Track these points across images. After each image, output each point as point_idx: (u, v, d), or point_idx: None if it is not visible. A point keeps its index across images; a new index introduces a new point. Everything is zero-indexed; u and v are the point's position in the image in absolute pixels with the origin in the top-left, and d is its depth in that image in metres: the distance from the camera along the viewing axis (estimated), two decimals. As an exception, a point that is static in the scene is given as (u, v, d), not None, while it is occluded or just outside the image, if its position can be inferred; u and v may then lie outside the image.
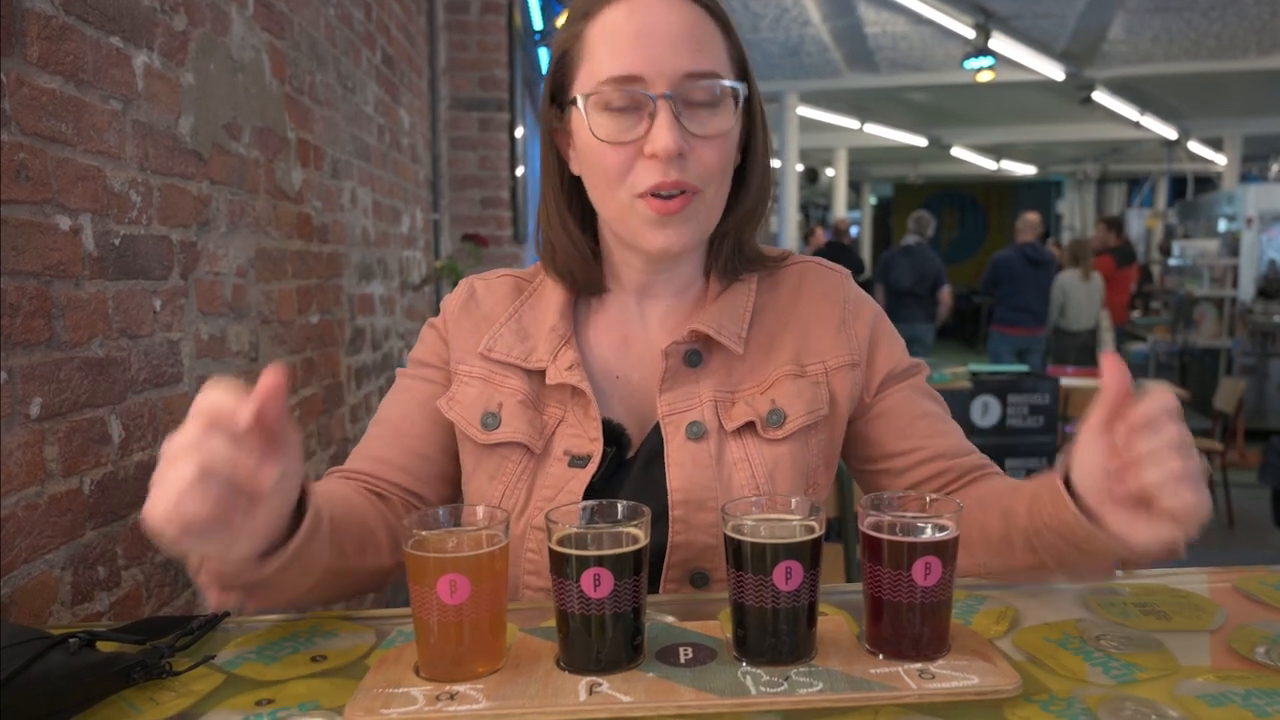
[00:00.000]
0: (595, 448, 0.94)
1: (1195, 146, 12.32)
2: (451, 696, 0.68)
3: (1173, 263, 9.43)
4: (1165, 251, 10.20)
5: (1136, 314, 9.40)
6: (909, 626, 0.73)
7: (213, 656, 0.78)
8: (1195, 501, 0.65)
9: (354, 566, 0.88)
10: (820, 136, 11.90)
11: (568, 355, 0.97)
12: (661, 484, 0.93)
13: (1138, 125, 10.70)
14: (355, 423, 2.59)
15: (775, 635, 0.72)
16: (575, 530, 0.73)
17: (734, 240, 1.00)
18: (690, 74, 0.88)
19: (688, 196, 0.90)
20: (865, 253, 14.41)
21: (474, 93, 3.95)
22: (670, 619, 0.83)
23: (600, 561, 0.70)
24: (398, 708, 0.67)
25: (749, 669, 0.72)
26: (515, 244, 4.12)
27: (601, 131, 0.89)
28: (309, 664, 0.77)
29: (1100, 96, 8.88)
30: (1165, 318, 9.09)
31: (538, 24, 4.73)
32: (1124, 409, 0.67)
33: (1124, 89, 9.20)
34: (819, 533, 0.74)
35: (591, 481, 0.93)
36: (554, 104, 0.97)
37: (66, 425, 1.17)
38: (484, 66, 3.95)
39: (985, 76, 7.30)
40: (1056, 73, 8.04)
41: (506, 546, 0.73)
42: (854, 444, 1.04)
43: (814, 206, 20.62)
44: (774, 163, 1.03)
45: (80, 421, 1.20)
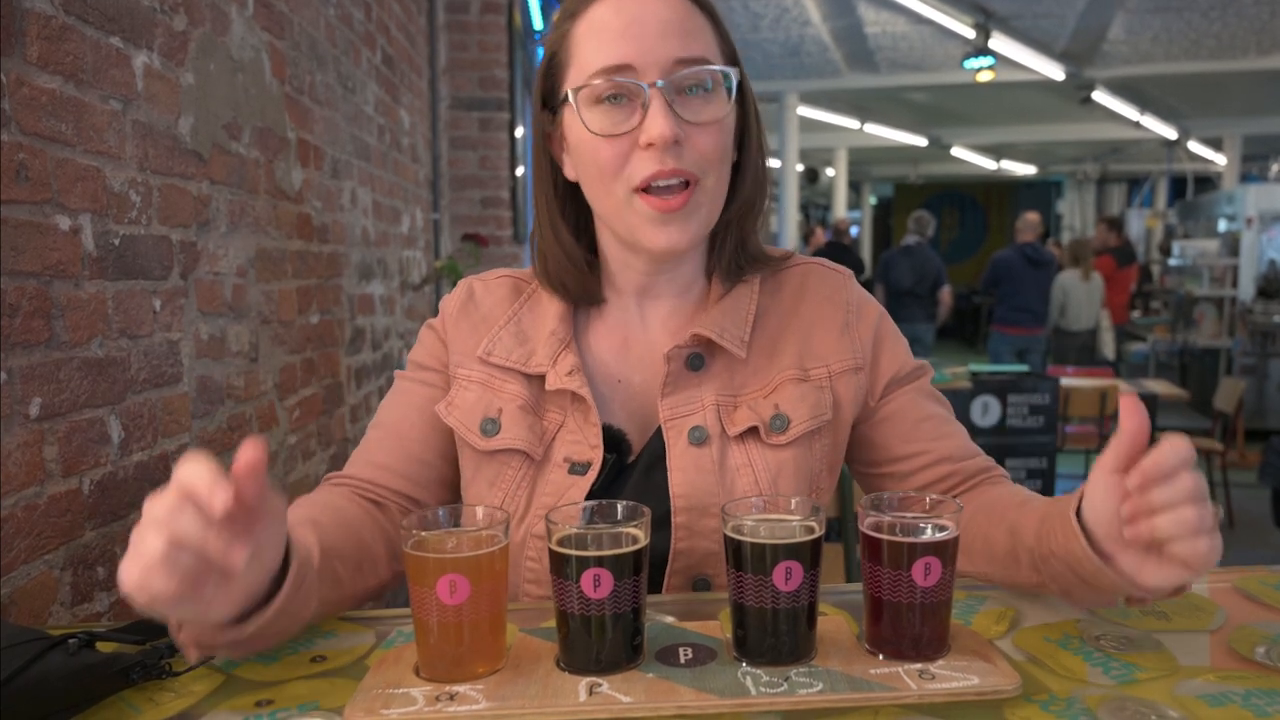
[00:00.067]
0: (595, 455, 0.93)
1: (1195, 146, 12.32)
2: (451, 697, 0.68)
3: (1173, 263, 9.43)
4: (1165, 251, 10.20)
5: (1136, 314, 9.40)
6: (909, 627, 0.73)
7: (212, 657, 0.78)
8: (1207, 550, 0.65)
9: (350, 592, 0.88)
10: (820, 136, 11.90)
11: (568, 360, 0.96)
12: (663, 489, 0.92)
13: (1138, 125, 10.70)
14: (355, 423, 2.59)
15: (775, 635, 0.72)
16: (575, 531, 0.73)
17: (736, 237, 0.98)
18: (681, 60, 0.87)
19: (689, 191, 0.88)
20: (865, 253, 14.41)
21: (474, 93, 3.95)
22: (670, 619, 0.83)
23: (600, 562, 0.70)
24: (397, 708, 0.67)
25: (749, 669, 0.72)
26: (515, 244, 4.12)
27: (595, 125, 0.88)
28: (309, 664, 0.77)
29: (1100, 96, 8.88)
30: (1165, 317, 9.09)
31: (538, 24, 4.72)
32: (1140, 454, 0.67)
33: (1124, 89, 9.20)
34: (819, 533, 0.74)
35: (592, 489, 0.92)
36: (545, 108, 0.96)
37: (66, 425, 1.17)
38: (484, 66, 3.95)
39: (985, 76, 7.30)
40: (1056, 73, 8.03)
41: (506, 547, 0.73)
42: (858, 448, 1.03)
43: (814, 206, 20.62)
44: (774, 162, 1.03)
45: (80, 422, 1.20)
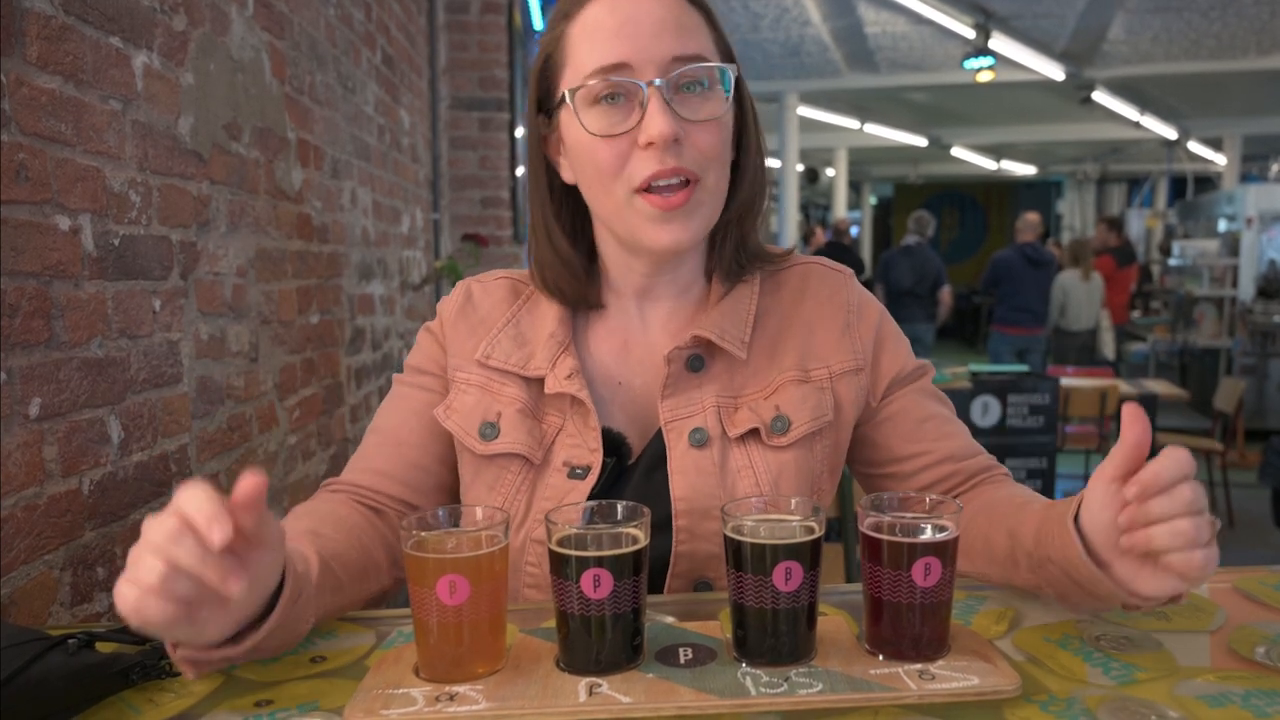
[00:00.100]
0: (595, 458, 0.92)
1: (1195, 146, 12.32)
2: (451, 697, 0.68)
3: (1173, 263, 9.43)
4: (1165, 251, 10.20)
5: (1136, 314, 9.40)
6: (909, 627, 0.73)
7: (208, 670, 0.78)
8: (1203, 562, 0.65)
9: (351, 598, 0.88)
10: (820, 136, 11.90)
11: (567, 363, 0.95)
12: (664, 491, 0.91)
13: (1138, 125, 10.70)
14: (355, 423, 2.59)
15: (775, 636, 0.72)
16: (575, 531, 0.73)
17: (736, 236, 0.98)
18: (678, 57, 0.86)
19: (690, 189, 0.88)
20: (865, 253, 14.42)
21: (474, 93, 3.95)
22: (670, 619, 0.83)
23: (600, 562, 0.70)
24: (397, 709, 0.67)
25: (749, 669, 0.72)
26: (515, 244, 4.12)
27: (593, 125, 0.87)
28: (308, 665, 0.77)
29: (1100, 96, 8.87)
30: (1165, 318, 9.09)
31: (538, 24, 4.72)
32: (1140, 464, 0.67)
33: (1124, 89, 9.20)
34: (819, 533, 0.74)
35: (592, 493, 0.91)
36: (541, 112, 0.95)
37: (66, 425, 1.17)
38: (484, 66, 3.95)
39: (985, 76, 7.30)
40: (1056, 73, 8.03)
41: (506, 547, 0.73)
42: (860, 448, 1.02)
43: (814, 206, 20.62)
44: (774, 162, 1.03)
45: (79, 422, 1.20)
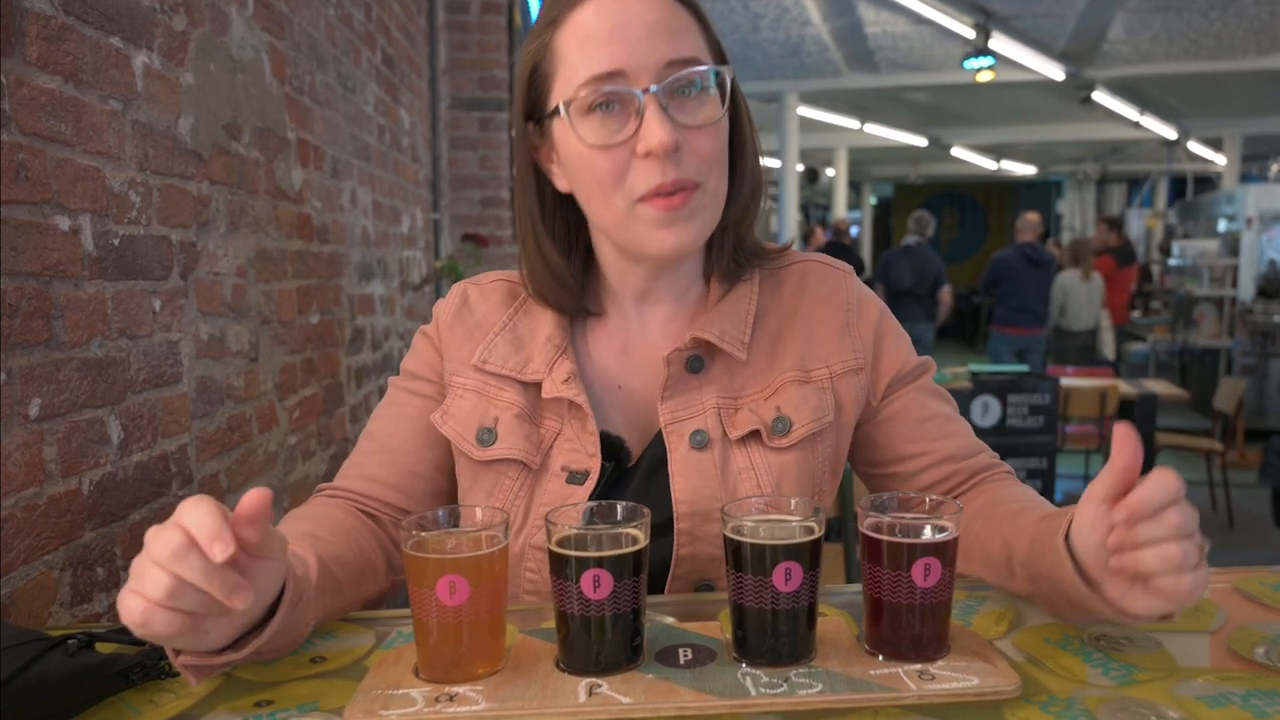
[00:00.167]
0: (593, 463, 0.92)
1: (1195, 146, 12.32)
2: (451, 698, 0.68)
3: (1173, 263, 9.43)
4: (1165, 251, 10.20)
5: (1136, 314, 9.40)
6: (909, 627, 0.73)
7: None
8: (1190, 587, 0.65)
9: (349, 600, 0.88)
10: (820, 136, 11.90)
11: (564, 367, 0.94)
12: (665, 494, 0.91)
13: (1138, 125, 10.70)
14: (355, 423, 2.59)
15: (775, 636, 0.72)
16: (575, 531, 0.73)
17: (733, 236, 0.97)
18: (672, 62, 0.84)
19: (691, 191, 0.86)
20: (865, 253, 14.42)
21: (474, 93, 3.95)
22: (670, 620, 0.83)
23: (600, 563, 0.70)
24: (397, 709, 0.67)
25: (748, 670, 0.72)
26: (515, 244, 4.11)
27: (590, 137, 0.85)
28: (308, 665, 0.77)
29: (1100, 96, 8.87)
30: (1165, 318, 9.09)
31: (538, 24, 4.72)
32: (1130, 486, 0.67)
33: (1124, 89, 9.20)
34: (819, 534, 0.74)
35: (591, 497, 0.91)
36: (530, 120, 0.93)
37: (66, 426, 1.17)
38: (484, 66, 3.95)
39: (985, 76, 7.30)
40: (1056, 73, 8.03)
41: (506, 548, 0.73)
42: (861, 448, 1.02)
43: (814, 206, 20.63)
44: (774, 162, 1.02)
45: (79, 422, 1.20)
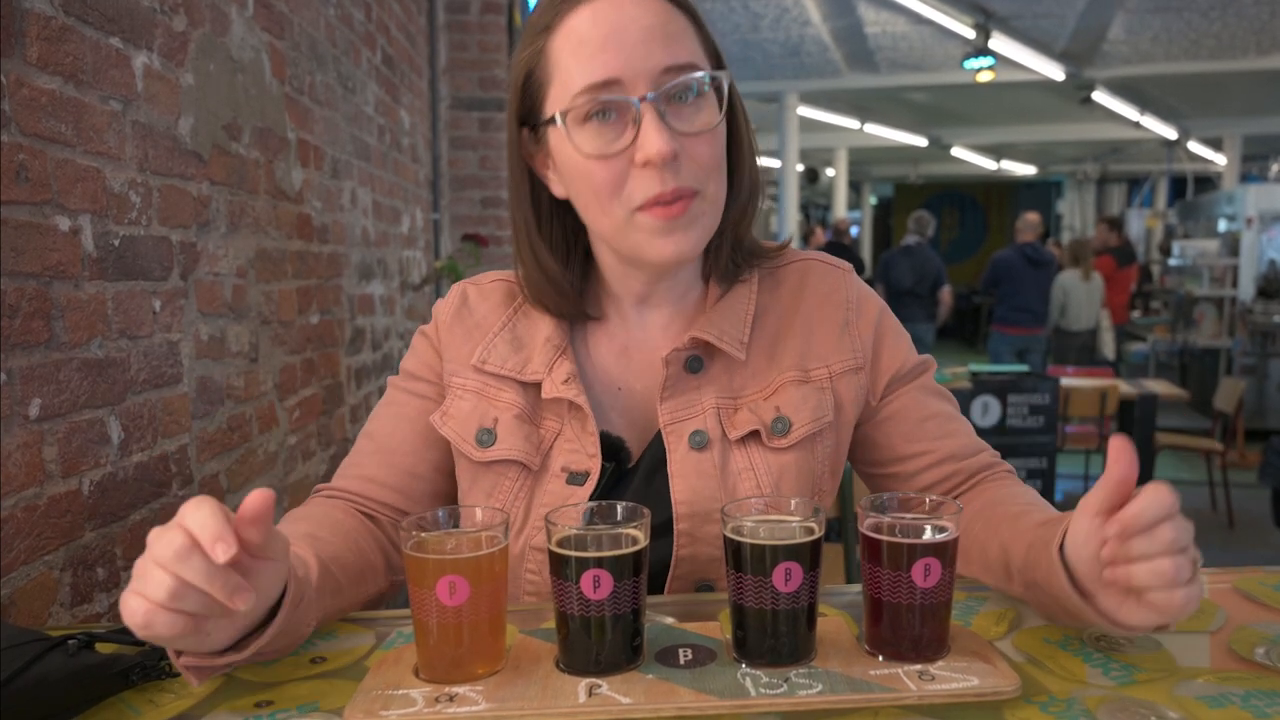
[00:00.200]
0: (593, 464, 0.92)
1: (1195, 146, 12.32)
2: (451, 698, 0.68)
3: (1173, 263, 9.43)
4: (1165, 251, 10.20)
5: (1136, 314, 9.40)
6: (909, 628, 0.73)
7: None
8: (1183, 602, 0.65)
9: (349, 601, 0.88)
10: (820, 136, 11.90)
11: (564, 367, 0.94)
12: (664, 495, 0.91)
13: (1138, 125, 10.70)
14: (355, 423, 2.59)
15: (775, 636, 0.72)
16: (575, 532, 0.73)
17: (731, 238, 0.97)
18: (669, 68, 0.83)
19: (690, 199, 0.86)
20: (865, 253, 14.42)
21: (474, 93, 3.95)
22: (670, 620, 0.83)
23: (600, 563, 0.70)
24: (397, 709, 0.67)
25: (748, 670, 0.72)
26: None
27: (587, 147, 0.84)
28: (308, 665, 0.77)
29: (1100, 96, 8.87)
30: (1165, 318, 9.09)
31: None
32: (1124, 500, 0.66)
33: (1124, 89, 9.20)
34: (819, 534, 0.74)
35: (591, 498, 0.91)
36: (524, 127, 0.93)
37: (66, 426, 1.17)
38: (484, 66, 3.95)
39: (985, 76, 7.30)
40: (1056, 73, 8.03)
41: (506, 548, 0.73)
42: (861, 448, 1.02)
43: (814, 206, 20.62)
44: (774, 162, 1.02)
45: (79, 422, 1.20)
